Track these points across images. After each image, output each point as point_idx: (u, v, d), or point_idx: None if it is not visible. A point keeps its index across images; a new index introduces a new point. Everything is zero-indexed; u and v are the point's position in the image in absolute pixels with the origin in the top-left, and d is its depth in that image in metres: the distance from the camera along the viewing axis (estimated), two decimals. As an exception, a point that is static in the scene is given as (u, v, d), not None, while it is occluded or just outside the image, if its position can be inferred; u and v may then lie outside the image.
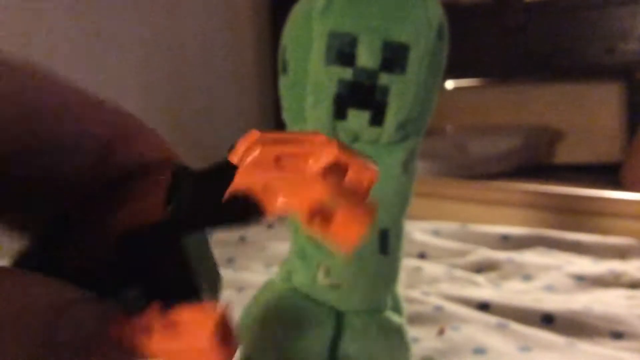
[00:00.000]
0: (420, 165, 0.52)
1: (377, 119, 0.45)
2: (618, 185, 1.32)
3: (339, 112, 0.46)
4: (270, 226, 1.07)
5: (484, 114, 1.70)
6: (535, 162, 1.60)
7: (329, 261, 0.50)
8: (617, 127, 1.57)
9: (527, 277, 0.81)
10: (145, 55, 1.44)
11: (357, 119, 0.46)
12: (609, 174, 1.39)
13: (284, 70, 0.48)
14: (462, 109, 1.69)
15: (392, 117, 0.45)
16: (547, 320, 0.65)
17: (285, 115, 0.50)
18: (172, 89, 1.51)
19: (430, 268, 0.83)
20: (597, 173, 1.47)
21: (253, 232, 1.03)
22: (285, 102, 0.49)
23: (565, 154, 1.62)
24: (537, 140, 1.60)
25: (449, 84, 1.72)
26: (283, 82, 0.49)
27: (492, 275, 0.83)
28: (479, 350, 0.58)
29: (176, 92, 1.52)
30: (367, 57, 0.44)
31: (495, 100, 1.70)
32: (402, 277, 0.58)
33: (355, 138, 0.47)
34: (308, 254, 0.51)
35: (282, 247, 0.91)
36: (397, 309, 0.54)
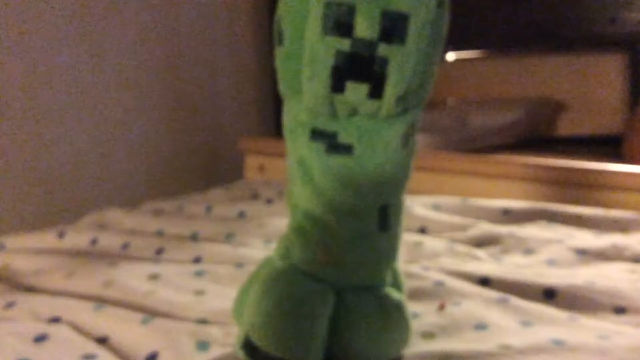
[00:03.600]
0: (420, 139, 0.51)
1: (376, 92, 0.44)
2: (620, 158, 1.31)
3: (337, 85, 0.44)
4: (269, 202, 1.06)
5: (485, 86, 1.68)
6: (536, 134, 1.59)
7: (328, 238, 0.49)
8: (620, 99, 1.55)
9: (528, 251, 0.80)
10: (143, 30, 1.41)
11: (356, 91, 0.44)
12: (611, 147, 1.38)
13: (280, 41, 0.47)
14: (463, 81, 1.67)
15: (391, 90, 0.44)
16: (549, 295, 0.65)
17: (281, 87, 0.49)
18: (170, 64, 1.49)
19: (431, 243, 0.82)
20: (599, 145, 1.46)
21: (252, 207, 1.02)
22: (281, 74, 0.48)
23: (567, 126, 1.60)
24: (538, 112, 1.58)
25: (450, 56, 1.69)
26: (278, 53, 0.47)
27: (493, 249, 0.83)
28: (480, 326, 0.58)
29: (174, 65, 1.50)
30: (365, 27, 0.42)
31: (496, 72, 1.68)
32: (402, 252, 0.57)
33: (354, 111, 0.46)
34: (307, 230, 0.50)
35: (281, 223, 0.90)
36: (396, 285, 0.54)
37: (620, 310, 0.62)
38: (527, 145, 1.49)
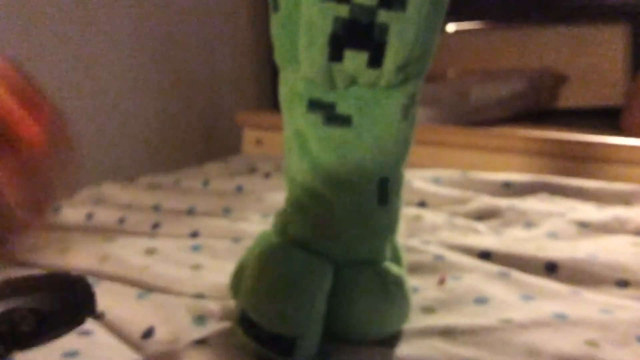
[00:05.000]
0: (420, 112, 0.50)
1: (376, 60, 0.43)
2: (622, 130, 1.30)
3: (335, 53, 0.43)
4: (267, 176, 1.05)
5: (486, 58, 1.66)
6: (537, 107, 1.57)
7: (326, 212, 0.48)
8: (622, 70, 1.53)
9: (529, 225, 0.79)
10: (138, 2, 1.39)
11: (354, 60, 0.43)
12: (613, 119, 1.36)
13: (275, 8, 0.45)
14: (463, 53, 1.65)
15: (391, 58, 0.43)
16: (551, 269, 0.64)
17: (277, 57, 0.47)
18: (166, 36, 1.47)
19: (431, 216, 0.81)
20: (601, 117, 1.44)
21: (250, 182, 1.01)
22: (277, 43, 0.46)
23: (568, 98, 1.59)
24: (539, 84, 1.56)
25: (450, 27, 1.67)
26: (274, 21, 0.46)
27: (494, 222, 0.82)
28: (481, 300, 0.57)
29: (170, 37, 1.48)
30: (364, -8, 0.41)
31: (497, 43, 1.66)
32: (402, 226, 0.56)
33: (353, 81, 0.45)
34: (304, 204, 0.49)
35: (279, 197, 0.89)
36: (396, 259, 0.53)
37: (623, 283, 0.61)
38: (528, 118, 1.48)
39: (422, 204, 0.89)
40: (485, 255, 0.68)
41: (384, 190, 0.48)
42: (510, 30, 1.66)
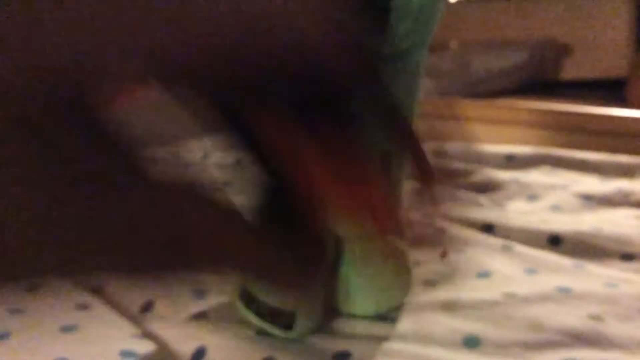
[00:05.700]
0: (422, 84, 0.49)
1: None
2: (625, 101, 1.28)
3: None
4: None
5: (489, 28, 1.63)
6: (540, 78, 1.55)
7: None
8: (626, 41, 1.51)
9: (532, 197, 0.79)
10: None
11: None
12: (617, 90, 1.35)
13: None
14: (466, 23, 1.62)
15: (396, 25, 0.41)
16: (554, 242, 0.63)
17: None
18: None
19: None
20: (605, 89, 1.42)
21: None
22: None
23: (572, 69, 1.56)
24: (543, 55, 1.54)
25: (453, -3, 1.64)
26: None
27: (496, 195, 0.81)
28: (484, 274, 0.56)
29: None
30: (367, -45, 0.39)
31: (500, 13, 1.63)
32: (403, 199, 0.55)
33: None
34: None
35: (279, 169, 0.88)
36: (399, 232, 0.52)
37: (627, 257, 0.60)
38: (531, 89, 1.46)
39: (423, 177, 0.88)
40: (488, 228, 0.67)
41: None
42: (513, 0, 1.63)
